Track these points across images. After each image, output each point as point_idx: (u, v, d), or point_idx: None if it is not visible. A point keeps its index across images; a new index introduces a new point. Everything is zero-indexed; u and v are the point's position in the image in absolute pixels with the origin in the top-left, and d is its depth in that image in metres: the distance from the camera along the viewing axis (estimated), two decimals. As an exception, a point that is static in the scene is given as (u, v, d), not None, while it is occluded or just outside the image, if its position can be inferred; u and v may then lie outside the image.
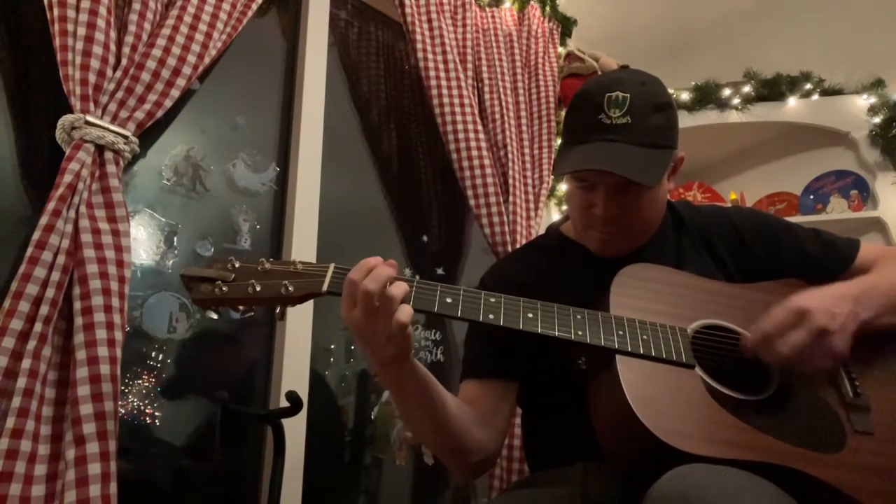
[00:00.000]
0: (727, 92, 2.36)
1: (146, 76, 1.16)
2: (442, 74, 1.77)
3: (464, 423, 0.92)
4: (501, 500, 1.05)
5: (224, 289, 0.79)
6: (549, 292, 0.91)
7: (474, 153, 1.74)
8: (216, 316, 0.82)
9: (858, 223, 2.19)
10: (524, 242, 1.71)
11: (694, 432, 0.79)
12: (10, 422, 0.86)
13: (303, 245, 1.51)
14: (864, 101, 2.27)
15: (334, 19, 1.86)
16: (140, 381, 1.24)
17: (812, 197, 2.35)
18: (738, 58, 2.44)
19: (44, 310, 0.93)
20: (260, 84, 1.64)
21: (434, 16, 1.84)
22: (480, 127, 1.79)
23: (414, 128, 2.01)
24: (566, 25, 2.33)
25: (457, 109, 1.75)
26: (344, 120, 1.81)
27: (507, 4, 2.15)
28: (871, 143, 2.22)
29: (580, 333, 0.86)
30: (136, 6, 1.18)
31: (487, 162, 1.75)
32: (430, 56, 1.78)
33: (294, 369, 1.40)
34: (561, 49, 2.27)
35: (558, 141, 1.93)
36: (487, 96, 1.90)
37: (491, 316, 0.84)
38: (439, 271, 1.86)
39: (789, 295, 0.89)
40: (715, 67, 2.41)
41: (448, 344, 1.81)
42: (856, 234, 1.60)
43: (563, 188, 2.03)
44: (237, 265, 0.81)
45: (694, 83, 2.38)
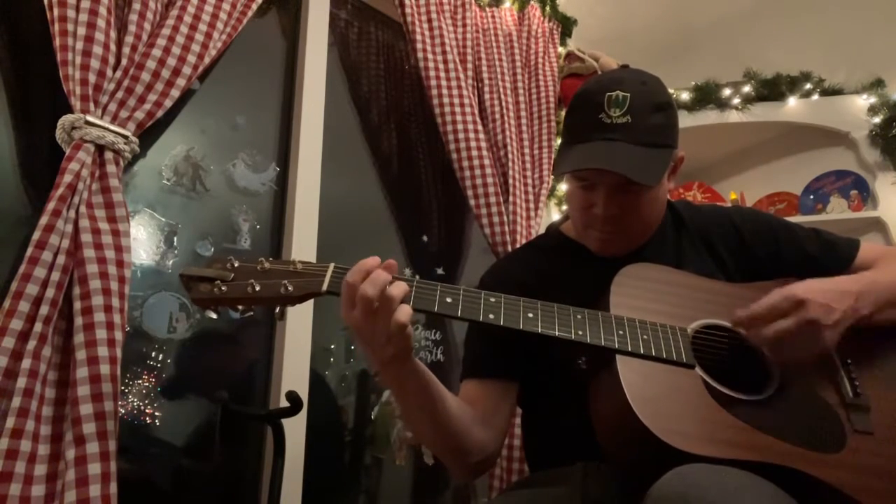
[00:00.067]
0: (727, 92, 2.35)
1: (146, 76, 1.16)
2: (442, 74, 1.77)
3: (464, 423, 0.92)
4: (501, 500, 1.05)
5: (223, 288, 0.79)
6: (550, 292, 0.91)
7: (474, 153, 1.74)
8: (216, 315, 0.82)
9: (858, 223, 2.19)
10: (524, 242, 1.71)
11: (694, 432, 0.79)
12: (10, 422, 0.86)
13: (303, 245, 1.51)
14: (864, 101, 2.26)
15: (334, 19, 1.85)
16: (140, 381, 1.24)
17: (812, 197, 2.35)
18: (738, 58, 2.44)
19: (44, 310, 0.93)
20: (260, 84, 1.64)
21: (434, 16, 1.84)
22: (480, 127, 1.79)
23: (414, 128, 2.00)
24: (566, 25, 2.33)
25: (457, 109, 1.75)
26: (344, 120, 1.81)
27: (507, 4, 2.15)
28: (871, 143, 2.22)
29: (580, 333, 0.86)
30: (136, 6, 1.18)
31: (487, 162, 1.75)
32: (430, 56, 1.78)
33: (294, 369, 1.40)
34: (561, 49, 2.27)
35: (558, 141, 1.93)
36: (487, 96, 1.89)
37: (491, 316, 0.84)
38: (439, 271, 1.86)
39: None
40: (715, 67, 2.41)
41: (448, 344, 1.81)
42: (856, 234, 1.60)
43: (563, 188, 2.03)
44: (236, 265, 0.81)
45: (694, 83, 2.38)
